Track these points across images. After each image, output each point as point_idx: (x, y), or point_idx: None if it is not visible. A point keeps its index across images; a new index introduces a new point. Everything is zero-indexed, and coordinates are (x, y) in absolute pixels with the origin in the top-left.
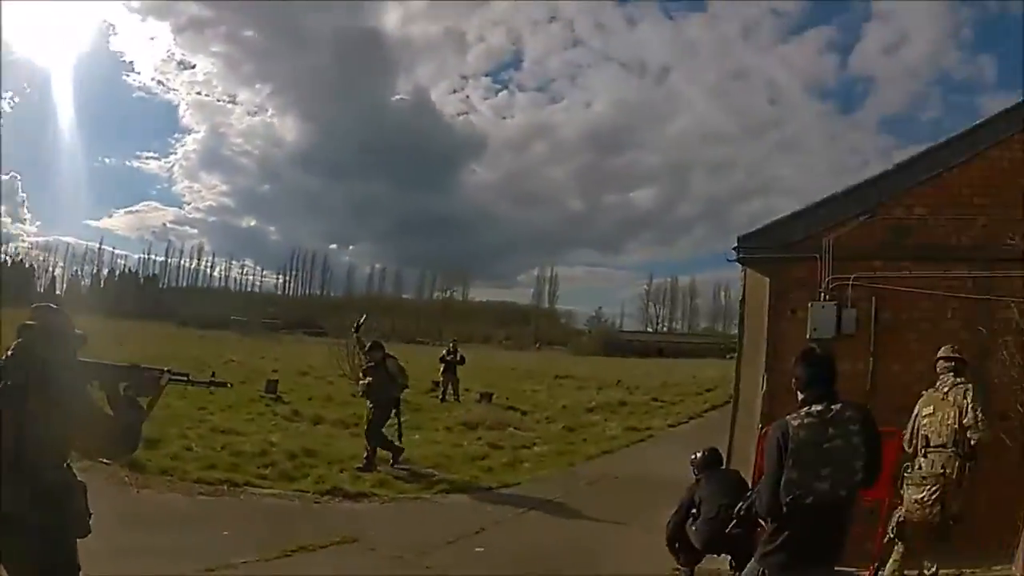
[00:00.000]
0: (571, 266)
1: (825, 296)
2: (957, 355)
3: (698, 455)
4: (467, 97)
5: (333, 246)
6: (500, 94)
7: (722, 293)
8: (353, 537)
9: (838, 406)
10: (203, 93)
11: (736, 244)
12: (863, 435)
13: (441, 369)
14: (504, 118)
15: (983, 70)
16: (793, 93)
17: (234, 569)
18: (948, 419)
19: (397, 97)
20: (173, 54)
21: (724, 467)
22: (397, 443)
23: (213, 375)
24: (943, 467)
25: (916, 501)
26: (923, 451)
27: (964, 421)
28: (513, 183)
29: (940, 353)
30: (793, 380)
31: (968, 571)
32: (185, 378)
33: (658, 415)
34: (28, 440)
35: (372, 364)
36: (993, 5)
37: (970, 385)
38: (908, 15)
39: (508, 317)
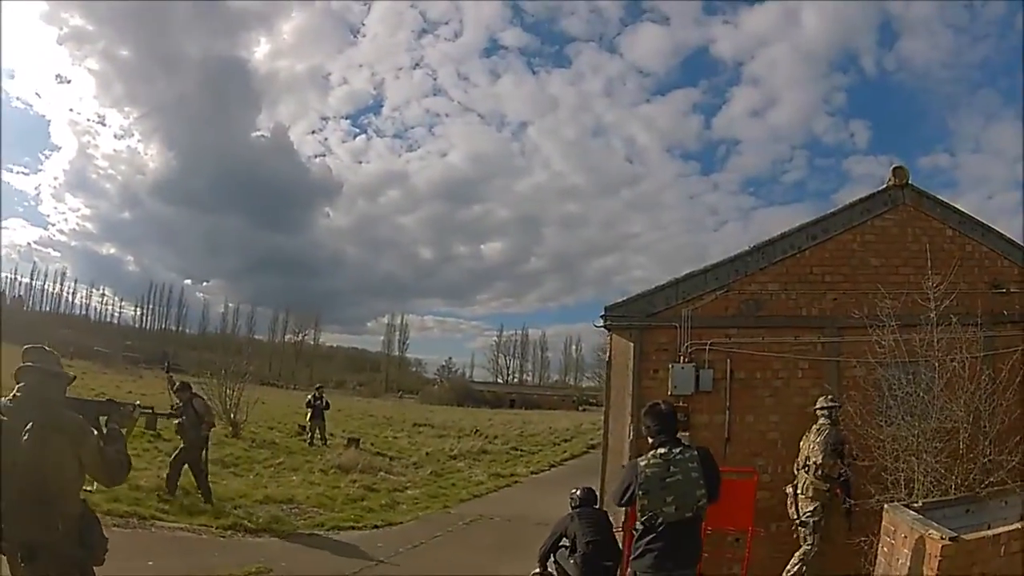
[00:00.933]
0: (421, 315)
1: (684, 359)
2: (831, 403)
3: (577, 492)
4: (326, 139)
5: (188, 281)
6: (358, 138)
7: (572, 346)
8: (267, 568)
9: (678, 449)
10: (75, 110)
11: (603, 312)
12: (700, 470)
13: (309, 415)
14: (360, 162)
15: (855, 135)
16: (652, 152)
17: None
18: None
19: (257, 133)
20: (53, 66)
21: (596, 506)
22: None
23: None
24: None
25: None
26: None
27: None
28: (365, 228)
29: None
30: (643, 428)
31: None
32: (150, 410)
33: (520, 463)
34: (49, 476)
35: (181, 404)
36: (871, 72)
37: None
38: (779, 80)
39: (359, 363)
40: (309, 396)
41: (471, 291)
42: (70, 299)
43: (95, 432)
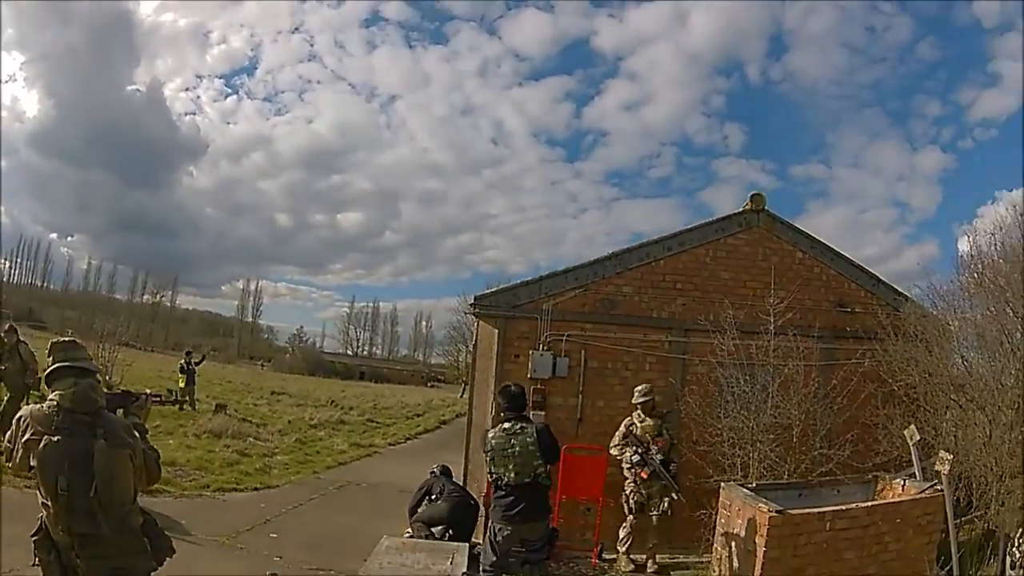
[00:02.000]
0: (275, 282)
1: (543, 347)
2: (647, 397)
3: (437, 466)
4: (198, 97)
5: (54, 235)
6: (229, 99)
7: (423, 322)
8: (169, 527)
9: (520, 424)
10: None
11: (473, 301)
12: (537, 442)
13: (183, 380)
14: (228, 123)
15: (728, 137)
16: (519, 136)
17: None
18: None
19: (133, 87)
20: None
21: (451, 477)
22: None
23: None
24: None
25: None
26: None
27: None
28: (226, 191)
29: (636, 395)
30: (496, 405)
31: (681, 557)
32: (158, 399)
33: (377, 435)
34: (116, 490)
35: (7, 349)
36: (755, 80)
37: (665, 419)
38: (658, 78)
39: (213, 327)
40: (182, 361)
41: (325, 260)
42: None
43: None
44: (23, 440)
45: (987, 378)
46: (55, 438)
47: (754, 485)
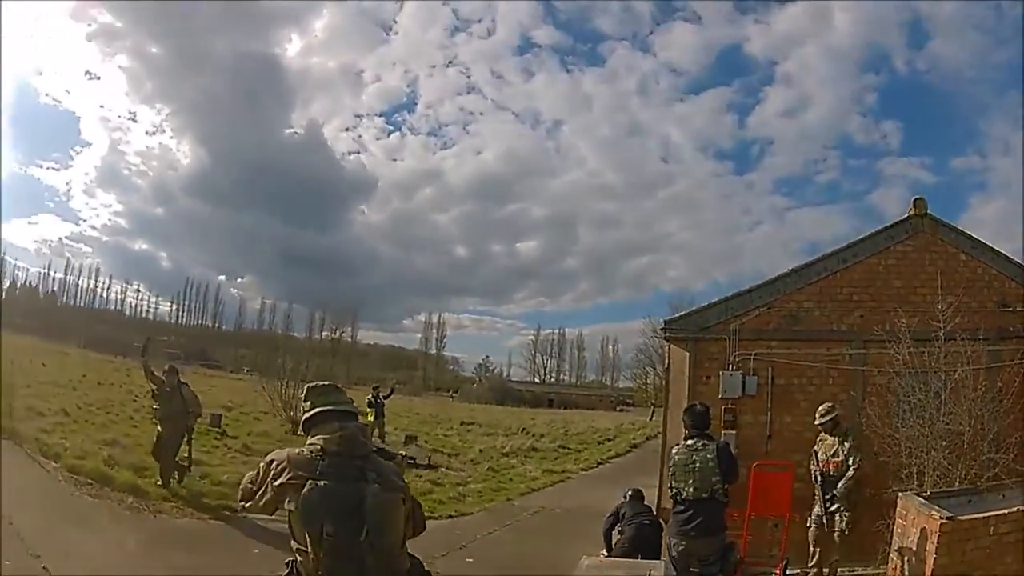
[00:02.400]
0: (457, 313)
1: (732, 366)
2: (828, 417)
3: (628, 491)
4: (359, 136)
5: (222, 277)
6: (392, 135)
7: (609, 346)
8: None
9: (702, 441)
10: (105, 107)
11: (663, 326)
12: (717, 459)
13: (373, 414)
14: (394, 160)
15: (887, 136)
16: (686, 151)
17: None
18: (836, 459)
19: (290, 130)
20: (82, 63)
21: (642, 500)
22: (187, 466)
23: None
24: (833, 493)
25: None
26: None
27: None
28: (400, 226)
29: (817, 416)
30: (683, 424)
31: (859, 570)
32: (412, 460)
33: (569, 460)
34: (388, 539)
35: (168, 389)
36: (902, 72)
37: (851, 444)
38: (811, 80)
39: (396, 361)
40: (370, 396)
41: (507, 290)
42: (104, 295)
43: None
44: (276, 484)
45: None
46: (320, 482)
47: (928, 493)
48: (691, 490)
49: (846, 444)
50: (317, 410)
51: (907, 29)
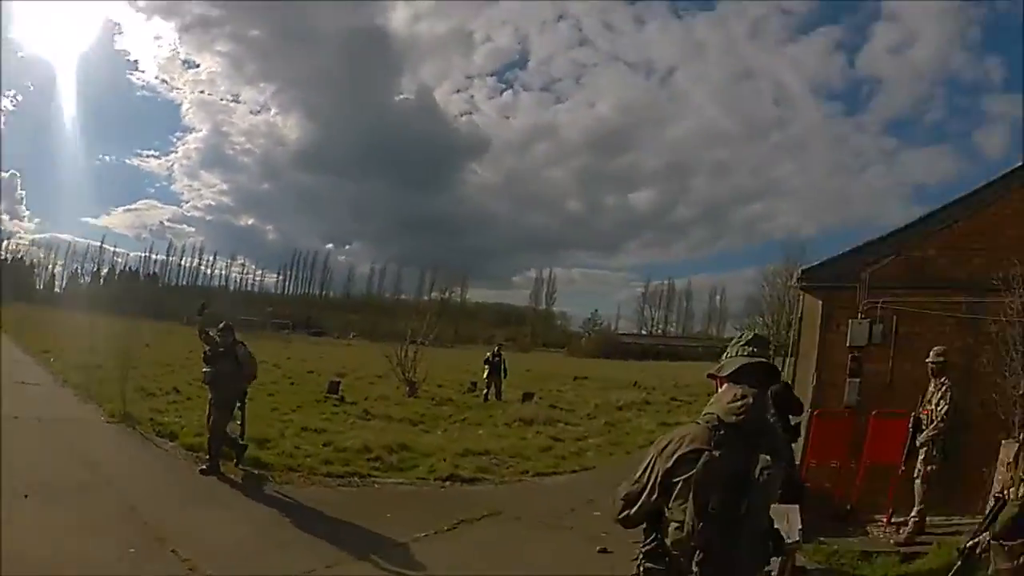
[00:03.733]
0: (567, 268)
1: (861, 315)
2: (941, 359)
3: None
4: (471, 97)
5: (329, 245)
6: (504, 94)
7: (717, 296)
8: (497, 510)
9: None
10: (206, 92)
11: (799, 276)
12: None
13: (486, 371)
14: (507, 118)
15: (989, 72)
16: (798, 94)
17: (421, 543)
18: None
19: (401, 96)
20: (178, 53)
21: None
22: (240, 440)
23: None
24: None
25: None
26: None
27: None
28: (513, 184)
29: (930, 356)
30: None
31: (956, 518)
32: None
33: (681, 413)
34: (766, 499)
35: (221, 350)
36: (1002, 5)
37: (946, 386)
38: (916, 15)
39: (505, 318)
40: (488, 354)
41: (619, 242)
42: (207, 271)
43: None
44: (668, 464)
45: None
46: (716, 453)
47: None
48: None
49: (944, 389)
50: (732, 367)
51: None
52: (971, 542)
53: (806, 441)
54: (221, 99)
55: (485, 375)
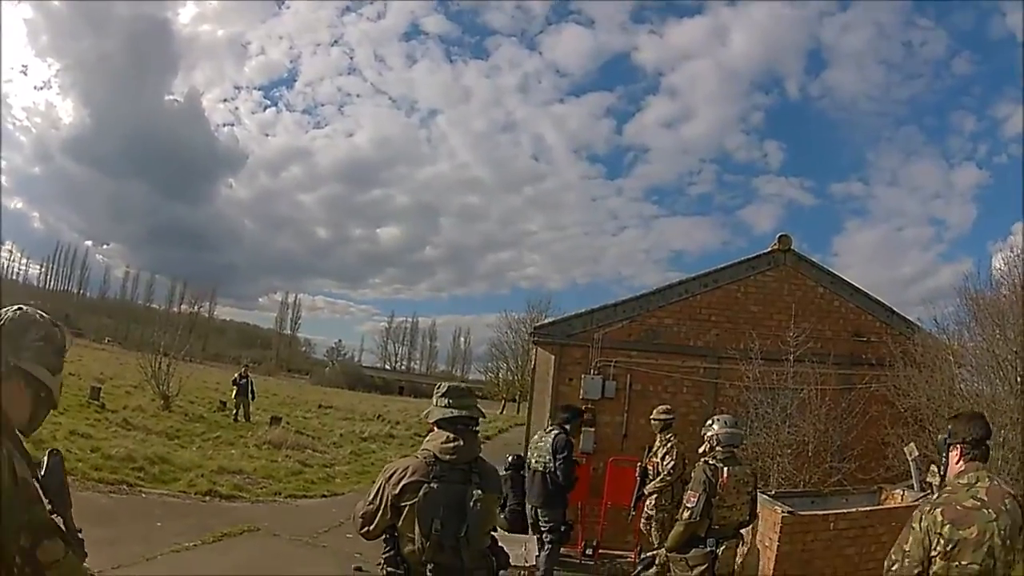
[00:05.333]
0: (312, 295)
1: (594, 371)
2: (665, 416)
3: (510, 458)
4: (236, 108)
5: (89, 242)
6: (268, 110)
7: (461, 338)
8: (256, 526)
9: (551, 429)
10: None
11: (533, 331)
12: (551, 444)
13: (234, 392)
14: (267, 135)
15: (768, 155)
16: (559, 152)
17: (191, 551)
18: (654, 458)
19: (171, 97)
20: None
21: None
22: None
23: None
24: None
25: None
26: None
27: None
28: (266, 204)
29: (654, 413)
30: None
31: None
32: None
33: None
34: (484, 537)
35: None
36: (794, 96)
37: (671, 442)
38: (698, 94)
39: (251, 339)
40: (236, 375)
41: (364, 275)
42: None
43: None
44: (396, 490)
45: (983, 399)
46: (434, 484)
47: (773, 492)
48: (533, 461)
49: (668, 445)
50: (453, 414)
51: (806, 56)
52: (649, 554)
53: None
54: (12, 67)
55: (234, 395)
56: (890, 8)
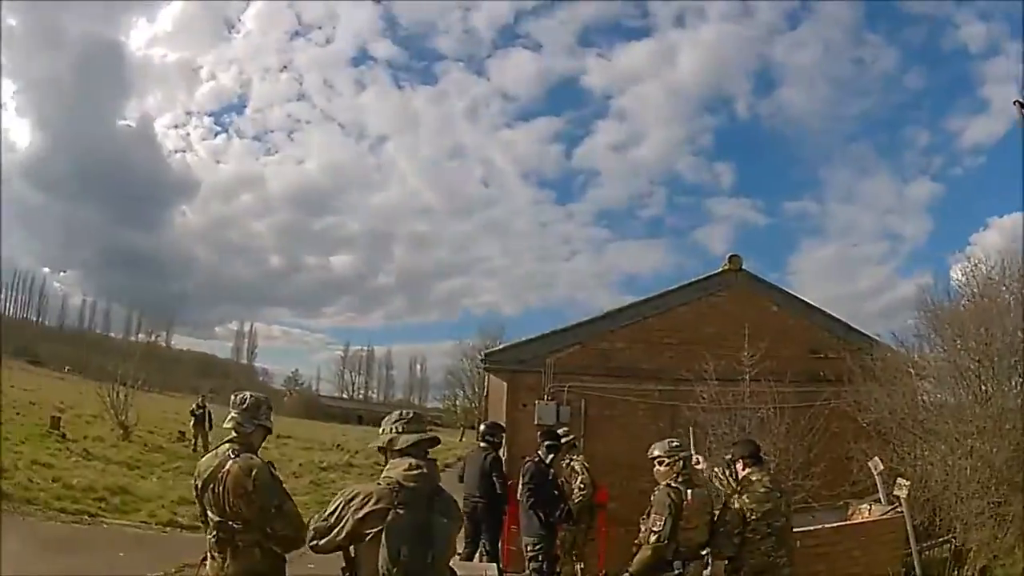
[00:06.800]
0: (268, 323)
1: (547, 397)
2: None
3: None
4: (188, 135)
5: (46, 269)
6: (219, 137)
7: (417, 366)
8: None
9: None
10: None
11: (483, 357)
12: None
13: (192, 422)
14: (219, 162)
15: (719, 176)
16: (509, 177)
17: None
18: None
19: (124, 122)
20: None
21: None
22: None
23: None
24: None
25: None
26: None
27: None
28: (219, 232)
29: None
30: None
31: None
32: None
33: None
34: (447, 549)
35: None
36: (743, 117)
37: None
38: (646, 117)
39: (209, 368)
40: (193, 405)
41: (318, 303)
42: None
43: None
44: (359, 515)
45: (947, 409)
46: (400, 511)
47: None
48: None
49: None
50: (408, 442)
51: (755, 76)
52: None
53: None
54: None
55: (192, 425)
56: (840, 26)
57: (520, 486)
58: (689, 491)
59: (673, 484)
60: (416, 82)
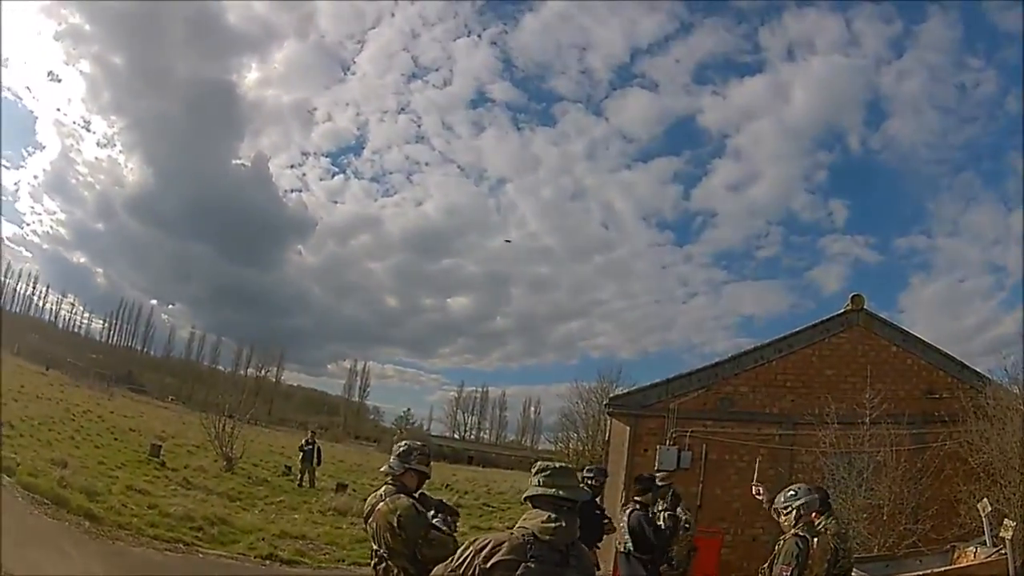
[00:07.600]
0: (382, 363)
1: (669, 442)
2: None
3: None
4: (304, 175)
5: (154, 301)
6: (336, 177)
7: (532, 408)
8: None
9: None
10: (62, 111)
11: (607, 401)
12: (627, 525)
13: (300, 457)
14: (336, 203)
15: (832, 214)
16: (628, 219)
17: None
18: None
19: (238, 161)
20: (47, 62)
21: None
22: None
23: None
24: None
25: None
26: None
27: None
28: (334, 271)
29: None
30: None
31: None
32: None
33: (494, 518)
34: None
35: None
36: (855, 151)
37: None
38: (762, 155)
39: (318, 405)
40: (302, 440)
41: (434, 344)
42: (39, 303)
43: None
44: (488, 564)
45: None
46: (532, 564)
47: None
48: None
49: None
50: (548, 493)
51: (865, 108)
52: None
53: None
54: (75, 122)
55: (300, 460)
56: (942, 50)
57: (622, 535)
58: (814, 539)
59: (800, 533)
60: (535, 124)
